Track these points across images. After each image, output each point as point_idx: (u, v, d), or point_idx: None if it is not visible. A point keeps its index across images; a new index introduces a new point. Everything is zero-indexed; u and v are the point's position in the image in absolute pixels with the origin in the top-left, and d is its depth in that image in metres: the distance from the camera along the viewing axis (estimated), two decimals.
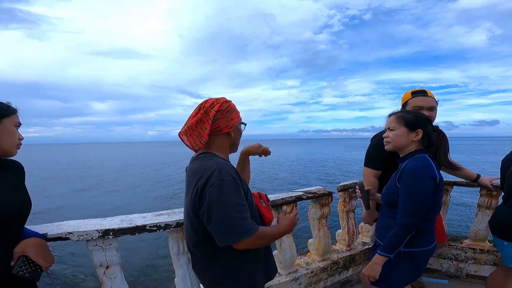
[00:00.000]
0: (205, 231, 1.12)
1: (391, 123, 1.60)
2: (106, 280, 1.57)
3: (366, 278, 1.53)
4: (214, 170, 1.07)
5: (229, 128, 1.23)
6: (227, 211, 1.03)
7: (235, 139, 1.30)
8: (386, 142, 1.64)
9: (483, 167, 25.08)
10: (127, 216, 1.71)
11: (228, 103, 1.25)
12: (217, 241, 1.07)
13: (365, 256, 2.79)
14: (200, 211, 1.09)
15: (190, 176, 1.18)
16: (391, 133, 1.60)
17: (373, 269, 1.50)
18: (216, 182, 1.04)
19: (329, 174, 23.69)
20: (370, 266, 1.52)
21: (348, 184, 2.71)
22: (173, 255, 1.76)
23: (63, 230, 1.44)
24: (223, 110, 1.22)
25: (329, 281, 2.55)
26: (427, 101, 1.96)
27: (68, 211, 12.43)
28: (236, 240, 1.04)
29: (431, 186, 1.41)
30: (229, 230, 1.04)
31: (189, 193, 1.14)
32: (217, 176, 1.05)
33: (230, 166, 1.14)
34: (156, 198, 14.85)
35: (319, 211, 2.48)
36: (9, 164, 1.20)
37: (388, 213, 1.60)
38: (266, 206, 1.32)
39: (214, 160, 1.14)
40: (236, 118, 1.27)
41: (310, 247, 2.62)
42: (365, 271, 1.54)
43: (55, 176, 24.89)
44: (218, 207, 1.03)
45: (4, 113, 1.12)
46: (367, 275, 1.52)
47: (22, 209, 1.14)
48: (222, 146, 1.26)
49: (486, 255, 2.65)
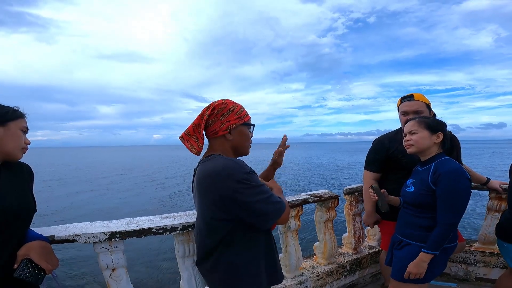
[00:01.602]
0: (222, 231, 1.14)
1: (412, 127, 1.65)
2: (112, 283, 1.57)
3: (413, 276, 1.56)
4: (232, 166, 1.08)
5: (224, 131, 1.20)
6: (262, 197, 1.09)
7: (235, 142, 1.25)
8: (409, 145, 1.68)
9: (489, 171, 24.71)
10: (134, 219, 1.71)
11: (225, 104, 1.22)
12: (265, 223, 1.13)
13: (372, 260, 2.76)
14: (226, 212, 1.11)
15: (202, 177, 1.14)
16: (413, 136, 1.64)
17: (420, 267, 1.54)
18: (242, 176, 1.07)
19: (334, 177, 23.55)
20: (417, 264, 1.54)
21: (354, 188, 2.69)
22: (179, 257, 1.76)
23: (71, 232, 1.45)
24: (217, 113, 1.20)
25: (335, 284, 2.53)
26: (411, 105, 2.04)
27: (76, 213, 12.52)
28: (279, 215, 1.14)
29: (469, 185, 1.52)
30: (269, 219, 1.12)
31: (206, 197, 1.12)
32: (239, 171, 1.07)
33: (242, 160, 1.17)
34: (162, 201, 14.90)
35: (325, 215, 2.46)
36: (15, 166, 1.20)
37: (414, 212, 1.66)
38: None
39: (224, 158, 1.15)
40: (234, 120, 1.21)
41: (316, 250, 2.60)
42: (412, 269, 1.55)
43: (63, 179, 25.12)
44: (254, 197, 1.07)
45: (10, 117, 1.12)
46: (414, 273, 1.55)
47: (24, 210, 1.14)
48: (224, 150, 1.24)
49: (496, 258, 2.61)
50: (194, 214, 1.82)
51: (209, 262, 1.22)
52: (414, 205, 1.66)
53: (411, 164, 2.01)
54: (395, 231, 1.85)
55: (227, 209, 1.10)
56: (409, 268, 1.56)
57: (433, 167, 1.59)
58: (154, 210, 12.50)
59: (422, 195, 1.60)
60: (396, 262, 1.72)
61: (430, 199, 1.56)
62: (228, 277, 1.18)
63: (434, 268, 1.62)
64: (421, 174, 1.66)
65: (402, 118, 2.08)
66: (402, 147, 2.04)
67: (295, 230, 2.26)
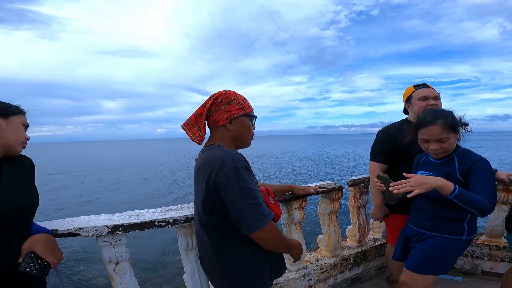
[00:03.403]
0: (214, 223, 1.12)
1: (441, 134, 1.54)
2: (116, 277, 1.57)
3: (402, 189, 1.41)
4: (225, 159, 1.06)
5: (224, 120, 1.20)
6: (246, 198, 1.03)
7: (236, 132, 1.24)
8: (438, 153, 1.62)
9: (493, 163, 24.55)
10: (136, 212, 1.70)
11: (227, 95, 1.22)
12: (244, 230, 1.07)
13: (377, 253, 2.74)
14: (214, 204, 1.09)
15: (199, 166, 1.16)
16: (444, 144, 1.57)
17: (424, 185, 1.38)
18: (229, 171, 1.03)
19: (338, 169, 23.52)
20: (423, 180, 1.40)
21: (358, 179, 2.66)
22: (182, 250, 1.75)
23: (73, 226, 1.44)
24: (219, 102, 1.20)
25: (339, 277, 2.52)
26: (431, 91, 2.04)
27: (79, 207, 12.66)
28: (265, 223, 1.06)
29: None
30: (251, 217, 1.04)
31: (199, 185, 1.13)
32: (229, 165, 1.04)
33: (239, 154, 1.14)
34: (165, 193, 15.00)
35: (329, 207, 2.44)
36: (16, 159, 1.20)
37: (435, 205, 1.65)
38: (274, 201, 1.31)
39: (224, 149, 1.13)
40: (236, 110, 1.21)
41: (320, 243, 2.59)
42: (413, 183, 1.39)
43: (67, 174, 25.35)
44: (236, 195, 1.03)
45: (13, 111, 1.16)
46: (413, 185, 1.39)
47: (28, 204, 1.14)
48: (224, 139, 1.24)
49: (503, 251, 2.57)
50: None
51: (208, 257, 1.21)
52: (436, 198, 1.62)
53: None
54: (409, 224, 1.84)
55: (213, 200, 1.09)
56: (412, 179, 1.42)
57: (456, 159, 1.60)
58: (157, 203, 12.60)
59: None
60: (417, 254, 1.70)
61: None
62: (228, 273, 1.17)
63: (454, 262, 1.67)
64: (442, 167, 1.64)
65: (420, 103, 2.03)
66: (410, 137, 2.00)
67: (298, 222, 2.24)
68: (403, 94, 2.21)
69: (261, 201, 1.09)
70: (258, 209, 1.05)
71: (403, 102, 2.22)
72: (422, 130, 1.60)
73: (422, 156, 1.85)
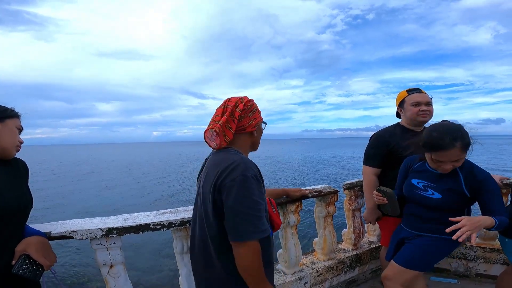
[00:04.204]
0: (218, 226, 1.11)
1: (458, 156, 1.50)
2: (110, 280, 1.55)
3: (464, 235, 1.34)
4: (239, 164, 1.07)
5: (253, 128, 1.24)
6: (246, 208, 1.02)
7: (257, 138, 1.31)
8: (447, 170, 1.58)
9: (486, 166, 24.85)
10: (131, 215, 1.69)
11: (251, 102, 1.25)
12: (231, 235, 1.06)
13: (372, 256, 2.75)
14: (216, 204, 1.09)
15: (211, 166, 1.17)
16: (457, 164, 1.56)
17: (478, 226, 1.38)
18: (238, 177, 1.04)
19: (333, 172, 23.59)
20: (477, 222, 1.38)
21: (354, 182, 2.68)
22: (177, 254, 1.74)
23: (67, 229, 1.43)
24: (247, 109, 1.23)
25: (335, 280, 2.52)
26: (424, 97, 2.06)
27: (72, 210, 12.53)
28: (255, 237, 1.03)
29: None
30: (244, 227, 1.03)
31: (208, 183, 1.13)
32: (240, 171, 1.05)
33: (254, 163, 1.14)
34: (160, 197, 14.91)
35: (325, 210, 2.44)
36: (10, 162, 1.20)
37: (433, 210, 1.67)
38: (276, 211, 1.33)
39: (240, 155, 1.16)
40: (259, 117, 1.28)
41: (316, 246, 2.59)
42: (466, 223, 1.36)
43: (60, 176, 25.10)
44: (236, 202, 1.02)
45: (8, 114, 1.18)
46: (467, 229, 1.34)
47: (21, 206, 1.14)
48: (244, 145, 1.27)
49: (496, 254, 2.60)
50: (192, 210, 1.80)
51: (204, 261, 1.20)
52: (429, 206, 1.68)
53: None
54: (404, 228, 1.85)
55: (214, 200, 1.09)
56: (464, 222, 1.36)
57: (461, 175, 1.60)
58: (152, 206, 12.52)
59: (455, 202, 1.62)
60: (408, 249, 1.73)
61: (460, 205, 1.63)
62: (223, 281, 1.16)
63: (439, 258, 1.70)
64: (444, 179, 1.64)
65: (412, 109, 2.05)
66: (402, 141, 2.03)
67: (294, 226, 2.24)
68: (396, 98, 2.23)
69: (263, 215, 1.08)
70: (256, 221, 1.04)
71: (396, 106, 2.25)
72: (440, 153, 1.51)
73: (414, 161, 1.83)
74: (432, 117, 2.08)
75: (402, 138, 2.05)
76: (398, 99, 2.18)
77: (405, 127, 2.14)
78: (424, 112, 2.03)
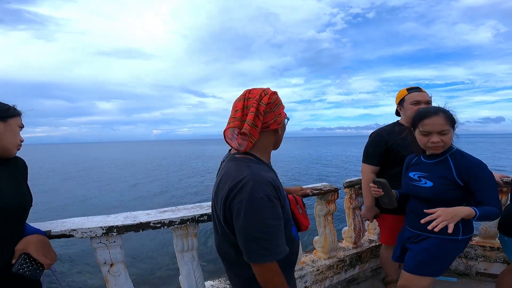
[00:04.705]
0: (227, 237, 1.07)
1: (443, 126, 1.53)
2: (111, 278, 1.55)
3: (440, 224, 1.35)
4: (247, 182, 0.95)
5: (278, 124, 1.09)
6: (256, 232, 0.93)
7: (281, 136, 1.16)
8: (438, 147, 1.58)
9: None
10: (131, 213, 1.69)
11: (275, 94, 1.09)
12: (245, 257, 0.99)
13: (372, 254, 2.75)
14: (227, 221, 1.02)
15: (223, 176, 1.06)
16: (444, 137, 1.55)
17: (454, 216, 1.37)
18: (245, 199, 0.93)
19: (333, 171, 23.59)
20: (453, 211, 1.37)
21: (354, 181, 2.67)
22: (178, 252, 1.74)
23: (67, 227, 1.43)
24: (272, 103, 1.06)
25: (335, 279, 2.52)
26: (423, 95, 2.07)
27: (73, 208, 12.55)
28: (268, 260, 0.95)
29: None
30: (255, 250, 0.95)
31: (220, 195, 1.04)
32: (248, 191, 0.93)
33: (266, 178, 0.99)
34: (160, 195, 14.92)
35: (325, 208, 2.44)
36: (10, 160, 1.20)
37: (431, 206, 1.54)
38: (303, 212, 1.24)
39: (250, 168, 1.01)
40: (283, 112, 1.12)
41: (316, 244, 2.59)
42: (442, 213, 1.36)
43: (61, 175, 25.12)
44: (245, 226, 0.94)
45: (11, 114, 1.18)
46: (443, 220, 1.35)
47: (21, 205, 1.14)
48: (266, 145, 1.13)
49: (496, 252, 2.60)
50: (193, 208, 1.80)
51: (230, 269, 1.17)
52: (432, 200, 1.61)
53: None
54: (406, 226, 1.82)
55: (225, 216, 1.03)
56: (439, 213, 1.37)
57: (451, 161, 1.58)
58: (152, 205, 12.52)
59: (446, 191, 1.57)
60: (413, 255, 1.69)
61: (454, 193, 1.56)
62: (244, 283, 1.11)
63: (450, 262, 1.65)
64: (436, 168, 1.63)
65: (412, 108, 2.05)
66: (401, 140, 2.05)
67: None
68: (396, 97, 2.24)
69: (277, 236, 0.97)
70: (268, 244, 0.94)
71: (395, 104, 2.25)
72: (425, 121, 1.56)
73: (413, 157, 1.85)
74: None
75: (401, 137, 2.07)
76: (398, 98, 2.19)
77: (404, 125, 2.15)
78: None
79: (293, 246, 1.16)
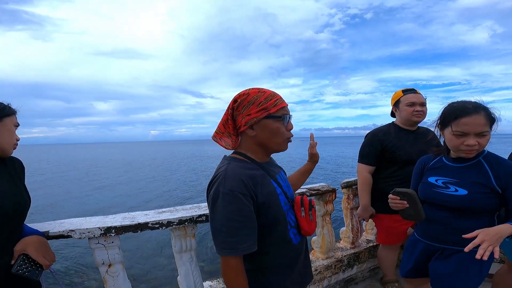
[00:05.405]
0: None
1: (483, 127, 1.30)
2: (109, 279, 1.55)
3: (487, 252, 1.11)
4: (219, 177, 1.01)
5: (243, 126, 1.07)
6: (217, 224, 0.98)
7: (260, 138, 1.09)
8: (473, 150, 1.35)
9: None
10: (130, 214, 1.69)
11: (246, 95, 1.06)
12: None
13: (370, 254, 2.76)
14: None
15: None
16: (482, 140, 1.32)
17: (499, 238, 1.16)
18: (212, 193, 1.00)
19: (331, 171, 23.62)
20: (496, 234, 1.15)
21: (352, 181, 2.69)
22: (176, 252, 1.74)
23: (65, 228, 1.42)
24: (238, 105, 1.07)
25: (333, 279, 2.53)
26: (418, 97, 2.11)
27: (71, 209, 12.49)
28: (226, 254, 0.97)
29: None
30: (217, 242, 0.99)
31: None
32: (216, 186, 1.00)
33: (239, 174, 1.00)
34: (158, 195, 14.89)
35: (323, 208, 2.45)
36: (6, 161, 1.20)
37: (463, 216, 1.41)
38: (306, 215, 1.18)
39: (230, 165, 1.04)
40: (255, 113, 1.05)
41: (314, 244, 2.60)
42: (485, 238, 1.14)
43: (58, 175, 25.00)
44: (211, 217, 1.01)
45: (6, 113, 1.16)
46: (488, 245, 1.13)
47: (19, 206, 1.13)
48: (250, 146, 1.12)
49: None
50: (191, 209, 1.80)
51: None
52: (466, 209, 1.40)
53: (405, 157, 2.05)
54: (421, 239, 1.60)
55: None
56: (482, 236, 1.14)
57: (486, 165, 1.38)
58: (150, 205, 12.49)
59: (483, 199, 1.36)
60: (445, 276, 1.46)
61: (491, 202, 1.36)
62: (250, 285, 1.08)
63: (483, 273, 1.43)
64: (467, 172, 1.41)
65: (407, 109, 2.10)
66: (396, 140, 2.09)
67: None
68: (391, 98, 2.27)
69: (240, 233, 0.96)
70: (228, 238, 0.96)
71: (391, 105, 2.29)
72: (463, 119, 1.32)
73: (429, 160, 1.61)
74: (425, 117, 2.13)
75: (396, 137, 2.12)
76: (394, 99, 2.23)
77: (400, 126, 2.20)
78: (419, 112, 2.08)
79: (286, 249, 1.13)
